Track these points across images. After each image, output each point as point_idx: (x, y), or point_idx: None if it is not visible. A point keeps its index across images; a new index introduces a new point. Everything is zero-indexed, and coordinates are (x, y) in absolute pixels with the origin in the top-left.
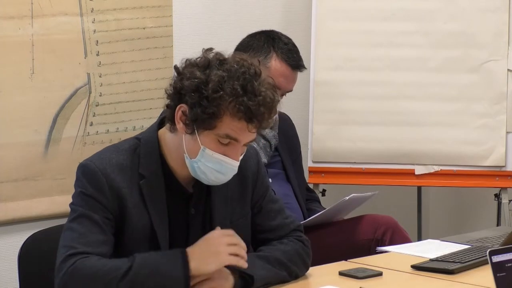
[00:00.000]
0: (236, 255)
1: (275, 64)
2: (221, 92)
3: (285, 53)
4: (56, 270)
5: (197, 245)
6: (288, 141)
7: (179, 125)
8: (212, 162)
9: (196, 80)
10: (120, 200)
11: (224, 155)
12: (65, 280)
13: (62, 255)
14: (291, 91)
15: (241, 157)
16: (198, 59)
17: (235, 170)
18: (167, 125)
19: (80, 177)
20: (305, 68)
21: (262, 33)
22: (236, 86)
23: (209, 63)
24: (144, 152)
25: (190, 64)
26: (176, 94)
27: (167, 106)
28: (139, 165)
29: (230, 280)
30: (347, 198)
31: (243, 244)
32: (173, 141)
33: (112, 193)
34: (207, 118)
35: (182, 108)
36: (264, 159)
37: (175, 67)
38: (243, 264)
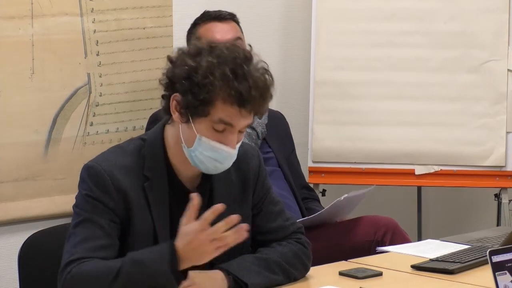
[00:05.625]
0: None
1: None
2: (211, 78)
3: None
4: (58, 276)
5: (181, 244)
6: (279, 137)
7: (175, 115)
8: (209, 151)
9: (186, 67)
10: (126, 203)
11: (220, 142)
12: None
13: (63, 261)
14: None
15: (238, 145)
16: (190, 47)
17: (233, 158)
18: (165, 118)
19: (86, 179)
20: (234, 15)
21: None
22: (226, 71)
23: (200, 50)
24: (149, 153)
25: (182, 52)
26: (169, 83)
27: (162, 96)
28: (143, 166)
29: (224, 285)
30: (342, 198)
31: (226, 235)
32: (172, 135)
33: (118, 195)
34: (200, 105)
35: (176, 97)
36: None
37: (168, 57)
38: (236, 239)
